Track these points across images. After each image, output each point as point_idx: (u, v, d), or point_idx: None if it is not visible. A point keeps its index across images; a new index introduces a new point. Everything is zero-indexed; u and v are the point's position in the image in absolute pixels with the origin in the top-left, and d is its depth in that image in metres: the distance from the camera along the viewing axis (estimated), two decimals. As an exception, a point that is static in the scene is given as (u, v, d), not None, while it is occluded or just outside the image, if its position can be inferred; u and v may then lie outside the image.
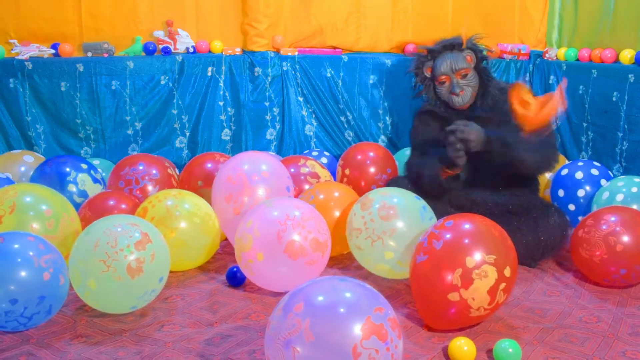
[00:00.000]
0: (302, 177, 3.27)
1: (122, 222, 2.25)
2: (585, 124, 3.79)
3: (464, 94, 3.10)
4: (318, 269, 2.47)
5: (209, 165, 3.29)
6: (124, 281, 2.16)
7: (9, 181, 3.04)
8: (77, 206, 2.90)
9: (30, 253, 2.11)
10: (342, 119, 4.25)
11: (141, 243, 2.21)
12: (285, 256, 2.36)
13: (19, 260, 2.08)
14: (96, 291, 2.18)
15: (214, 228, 2.74)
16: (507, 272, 2.11)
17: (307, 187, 3.22)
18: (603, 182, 3.16)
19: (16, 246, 2.12)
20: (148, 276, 2.22)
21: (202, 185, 3.20)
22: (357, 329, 1.57)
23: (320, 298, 1.64)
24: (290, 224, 2.38)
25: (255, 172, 2.78)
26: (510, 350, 1.94)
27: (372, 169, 3.49)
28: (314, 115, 4.24)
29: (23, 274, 2.07)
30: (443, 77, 3.13)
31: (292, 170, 3.24)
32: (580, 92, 3.81)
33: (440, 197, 2.98)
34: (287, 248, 2.36)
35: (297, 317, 1.60)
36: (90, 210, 2.79)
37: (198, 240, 2.68)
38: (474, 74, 3.13)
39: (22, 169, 3.33)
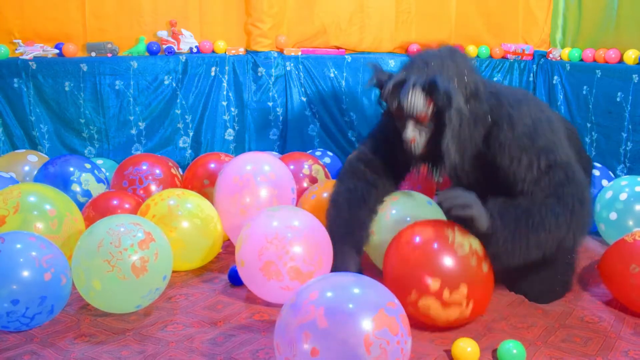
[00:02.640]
0: (302, 175, 3.32)
1: (124, 221, 2.26)
2: (589, 125, 3.78)
3: (417, 145, 2.31)
4: None
5: (213, 165, 3.30)
6: (129, 280, 2.16)
7: (13, 181, 3.05)
8: (80, 206, 2.90)
9: (32, 253, 2.11)
10: (346, 119, 4.25)
11: (145, 242, 2.21)
12: (261, 274, 2.30)
13: (20, 260, 2.08)
14: (101, 291, 2.18)
15: (214, 231, 2.73)
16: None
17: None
18: (604, 182, 3.15)
19: (17, 246, 2.12)
20: (152, 275, 2.22)
21: (207, 184, 3.20)
22: (370, 319, 1.58)
23: (335, 289, 1.66)
24: (273, 247, 2.27)
25: (261, 173, 2.79)
26: (515, 351, 1.94)
27: None
28: (317, 116, 4.24)
29: (24, 274, 2.07)
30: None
31: (291, 167, 3.27)
32: (584, 92, 3.80)
33: None
34: (263, 267, 2.29)
35: (311, 304, 1.61)
36: (94, 210, 2.80)
37: (197, 242, 2.67)
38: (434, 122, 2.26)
39: (26, 168, 3.34)
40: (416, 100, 2.18)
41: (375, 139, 2.62)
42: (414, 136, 2.27)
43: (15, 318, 2.07)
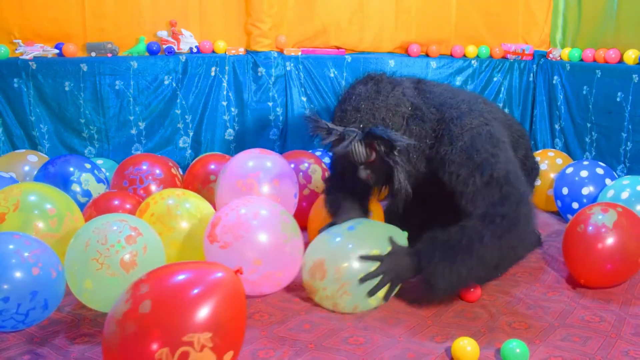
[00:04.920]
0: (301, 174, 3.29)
1: (110, 220, 2.26)
2: (589, 125, 3.78)
3: (373, 179, 2.42)
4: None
5: (213, 166, 3.30)
6: (119, 276, 2.16)
7: (13, 180, 3.05)
8: (81, 206, 2.90)
9: (16, 250, 2.11)
10: (346, 119, 4.25)
11: (131, 237, 2.21)
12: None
13: (5, 258, 2.08)
14: (93, 290, 2.18)
15: None
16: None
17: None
18: (608, 181, 3.15)
19: (2, 245, 2.12)
20: (143, 268, 2.20)
21: (213, 180, 3.21)
22: None
23: None
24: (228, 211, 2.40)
25: (267, 173, 2.79)
26: (518, 350, 1.94)
27: None
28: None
29: (11, 271, 2.07)
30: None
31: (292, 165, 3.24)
32: (584, 92, 3.80)
33: None
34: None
35: None
36: (96, 210, 2.79)
37: (195, 242, 2.66)
38: (381, 161, 2.34)
39: (26, 168, 3.34)
40: (359, 152, 2.28)
41: (335, 178, 2.76)
42: (368, 174, 2.38)
43: (8, 316, 2.07)
